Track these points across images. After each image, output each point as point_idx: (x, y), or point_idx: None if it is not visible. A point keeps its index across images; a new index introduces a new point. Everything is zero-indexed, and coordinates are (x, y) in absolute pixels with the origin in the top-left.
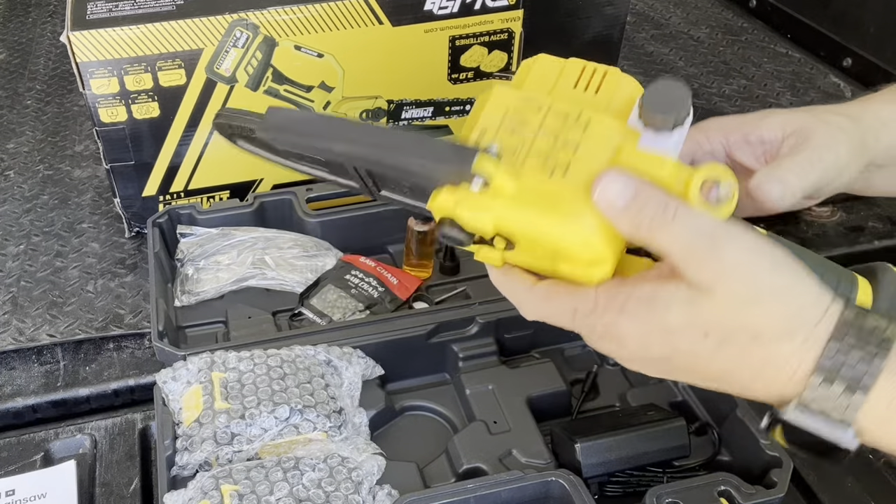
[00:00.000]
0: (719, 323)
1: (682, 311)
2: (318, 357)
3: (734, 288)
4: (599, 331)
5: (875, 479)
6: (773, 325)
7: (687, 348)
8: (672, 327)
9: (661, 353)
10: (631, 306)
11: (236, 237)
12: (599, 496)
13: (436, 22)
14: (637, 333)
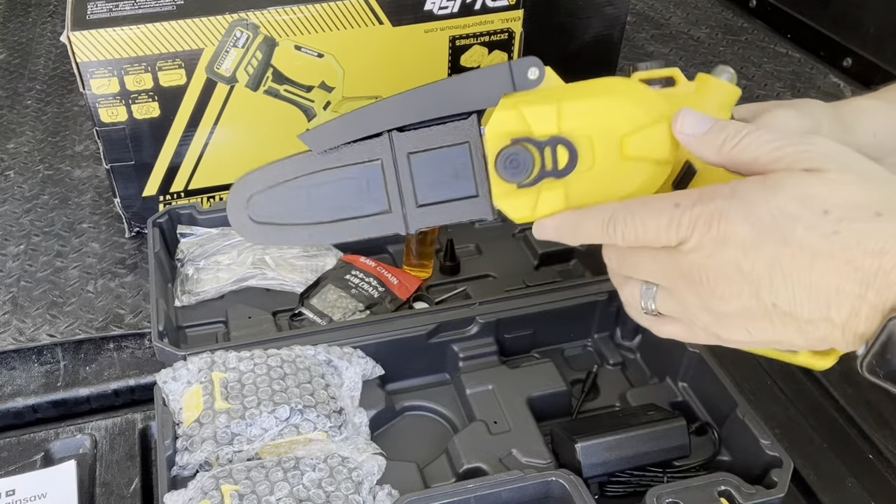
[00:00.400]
0: (837, 196)
1: (799, 185)
2: (319, 357)
3: (844, 164)
4: (706, 219)
5: (875, 479)
6: (894, 200)
7: (802, 233)
8: (786, 204)
9: (774, 242)
10: (743, 187)
11: (236, 237)
12: (599, 496)
13: (436, 22)
14: (747, 217)
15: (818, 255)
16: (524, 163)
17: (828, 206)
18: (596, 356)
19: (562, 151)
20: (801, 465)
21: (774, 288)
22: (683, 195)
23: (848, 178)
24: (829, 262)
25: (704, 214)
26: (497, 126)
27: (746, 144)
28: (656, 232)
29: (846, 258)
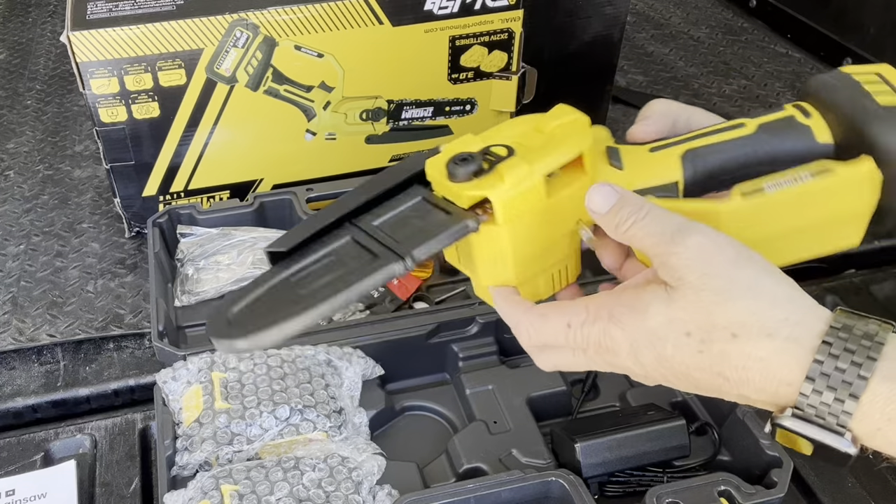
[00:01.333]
0: (696, 319)
1: (661, 309)
2: (318, 357)
3: (700, 281)
4: (594, 342)
5: (875, 479)
6: (748, 320)
7: (672, 351)
8: (655, 329)
9: (651, 359)
10: (618, 312)
11: (236, 237)
12: (599, 496)
13: (436, 22)
14: (627, 340)
15: (691, 367)
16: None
17: (689, 329)
18: None
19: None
20: (801, 465)
21: (671, 382)
22: (574, 314)
23: (703, 297)
24: (703, 373)
25: (593, 334)
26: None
27: (634, 233)
28: (557, 342)
29: (715, 371)
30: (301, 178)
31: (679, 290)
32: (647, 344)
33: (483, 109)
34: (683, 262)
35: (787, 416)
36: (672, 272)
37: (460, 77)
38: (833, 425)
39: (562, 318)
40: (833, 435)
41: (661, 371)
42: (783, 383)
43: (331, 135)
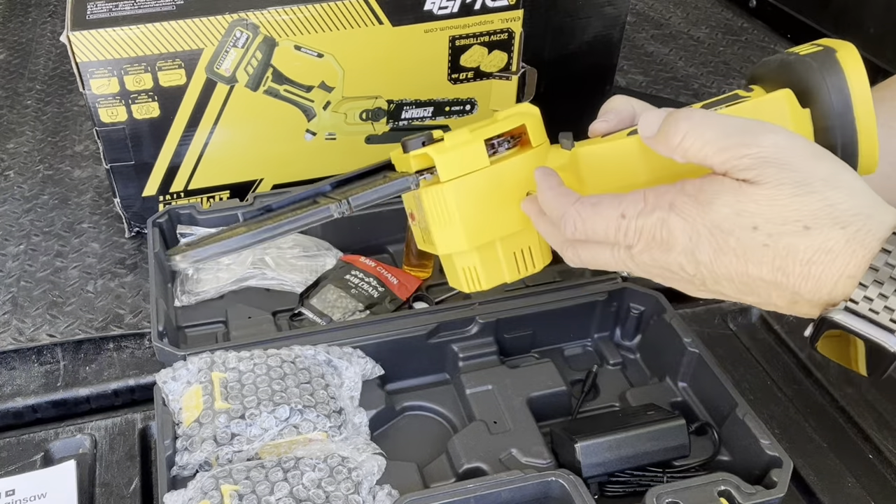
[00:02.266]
0: (767, 212)
1: (729, 201)
2: (318, 357)
3: (780, 175)
4: (647, 234)
5: (875, 479)
6: (823, 212)
7: (735, 244)
8: (720, 220)
9: (709, 253)
10: (680, 201)
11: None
12: (599, 496)
13: (436, 22)
14: (685, 231)
15: (751, 262)
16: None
17: (757, 223)
18: (596, 356)
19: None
20: (801, 465)
21: (719, 283)
22: (630, 203)
23: (781, 192)
24: (762, 268)
25: (647, 226)
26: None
27: (692, 143)
28: (605, 236)
29: (776, 265)
30: (301, 178)
31: (756, 184)
32: (709, 236)
33: (483, 109)
34: (760, 159)
35: (839, 309)
36: (747, 171)
37: (460, 77)
38: (886, 321)
39: (616, 208)
40: (883, 332)
41: (714, 268)
42: (844, 276)
43: (331, 135)
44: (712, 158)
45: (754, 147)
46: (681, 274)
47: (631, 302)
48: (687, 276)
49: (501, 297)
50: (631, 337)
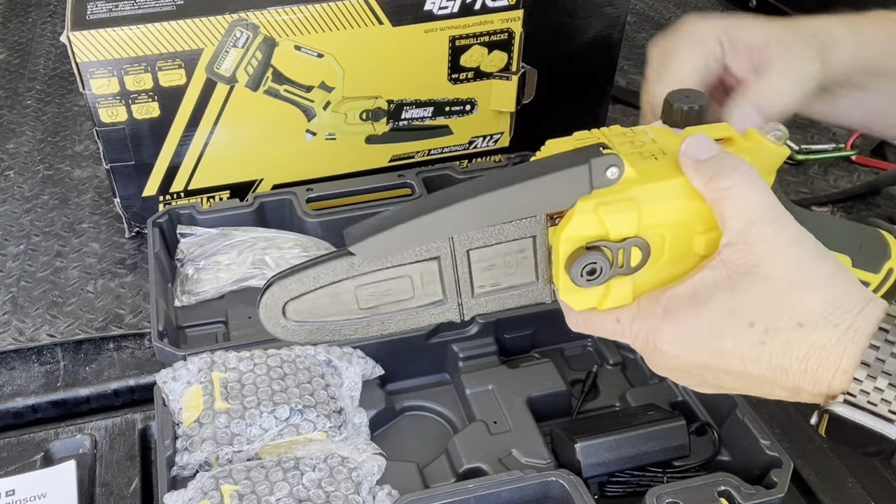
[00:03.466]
0: (765, 308)
1: (725, 299)
2: (318, 357)
3: (781, 270)
4: (640, 340)
5: (875, 479)
6: (818, 311)
7: (731, 345)
8: (715, 322)
9: (706, 355)
10: (673, 306)
11: (236, 237)
12: (599, 496)
13: (436, 22)
14: (681, 336)
15: (748, 361)
16: (601, 270)
17: (753, 319)
18: (596, 356)
19: (635, 251)
20: (801, 465)
21: (718, 379)
22: (624, 311)
23: (777, 287)
24: (761, 366)
25: (641, 332)
26: (574, 231)
27: (733, 195)
28: (602, 333)
29: (774, 363)
30: (301, 178)
31: (749, 277)
32: (703, 340)
33: (483, 109)
34: (769, 250)
35: (838, 402)
36: (750, 256)
37: (460, 77)
38: (885, 412)
39: (611, 315)
40: (883, 422)
41: (710, 372)
42: (839, 371)
43: (331, 135)
44: (734, 222)
45: (769, 233)
46: (680, 373)
47: None
48: (683, 375)
49: None
50: None
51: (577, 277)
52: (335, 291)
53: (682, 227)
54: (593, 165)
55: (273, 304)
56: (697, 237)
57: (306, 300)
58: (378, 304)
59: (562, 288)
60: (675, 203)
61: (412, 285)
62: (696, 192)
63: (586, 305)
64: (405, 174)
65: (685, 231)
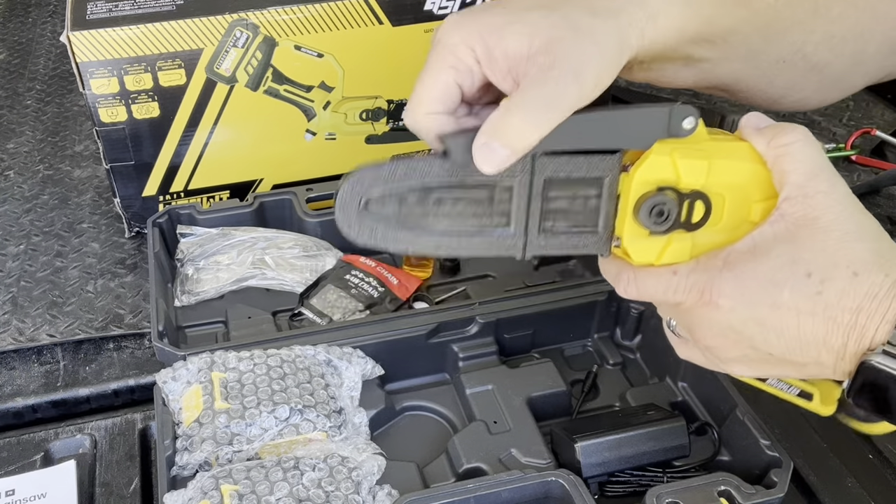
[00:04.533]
0: (819, 259)
1: (785, 249)
2: (318, 357)
3: (838, 221)
4: (700, 288)
5: (875, 479)
6: (871, 260)
7: (788, 296)
8: (774, 272)
9: (763, 307)
10: (734, 258)
11: (236, 237)
12: (599, 496)
13: (436, 22)
14: (739, 287)
15: (803, 314)
16: (669, 213)
17: (811, 269)
18: (596, 356)
19: (699, 206)
20: (801, 465)
21: (768, 342)
22: (682, 265)
23: (832, 237)
24: (815, 319)
25: (698, 283)
26: (649, 171)
27: (791, 152)
28: (654, 294)
29: (828, 315)
30: (301, 178)
31: (808, 228)
32: (762, 291)
33: None
34: (826, 202)
35: (877, 353)
36: (809, 209)
37: None
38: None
39: (668, 268)
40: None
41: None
42: (885, 321)
43: (331, 135)
44: (794, 176)
45: (826, 186)
46: (728, 336)
47: (631, 302)
48: (734, 338)
49: (501, 297)
50: (631, 337)
51: (646, 218)
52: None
53: (742, 190)
54: (673, 112)
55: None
56: (755, 205)
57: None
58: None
59: (626, 234)
60: (741, 163)
61: (486, 204)
62: (758, 157)
63: (645, 258)
64: None
65: (744, 195)
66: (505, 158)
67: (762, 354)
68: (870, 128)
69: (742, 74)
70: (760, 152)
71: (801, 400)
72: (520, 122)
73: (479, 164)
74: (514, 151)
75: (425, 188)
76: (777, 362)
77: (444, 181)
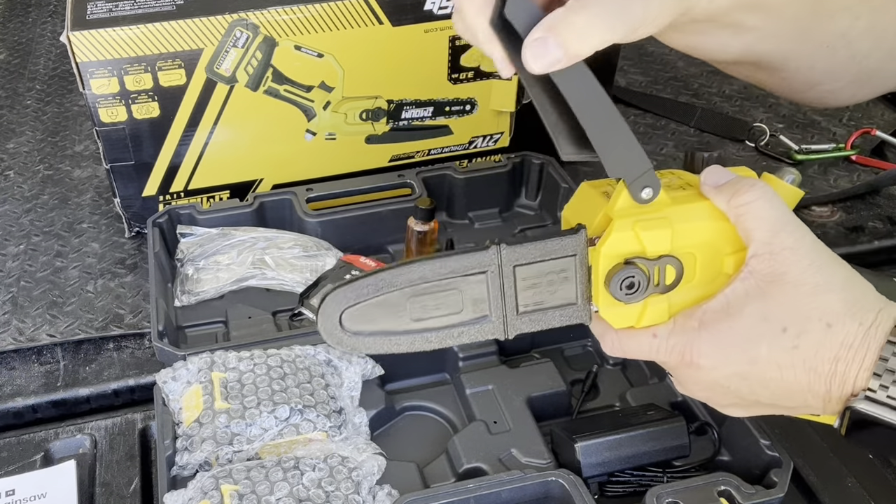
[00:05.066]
0: (791, 313)
1: (758, 307)
2: (318, 357)
3: (806, 275)
4: (679, 351)
5: (875, 479)
6: (842, 310)
7: (766, 352)
8: (749, 329)
9: (742, 363)
10: (707, 318)
11: (236, 237)
12: (599, 496)
13: (436, 22)
14: (717, 346)
15: (784, 367)
16: (639, 285)
17: (786, 324)
18: (596, 356)
19: (669, 269)
20: (801, 465)
21: (754, 392)
22: (661, 327)
23: (801, 291)
24: (795, 371)
25: (678, 346)
26: (613, 247)
27: (750, 210)
28: (638, 354)
29: (808, 367)
30: (301, 178)
31: (776, 283)
32: (739, 348)
33: (483, 109)
34: (793, 257)
35: (860, 399)
36: (777, 265)
37: (460, 77)
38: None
39: (648, 330)
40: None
41: (746, 385)
42: (863, 368)
43: (331, 135)
44: (759, 233)
45: (791, 241)
46: (715, 390)
47: None
48: (719, 393)
49: None
50: None
51: (617, 291)
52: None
53: (712, 247)
54: (646, 175)
55: (330, 314)
56: (726, 258)
57: (360, 311)
58: (428, 317)
59: (602, 304)
60: (704, 223)
61: (461, 298)
62: (721, 215)
63: (625, 323)
64: (405, 174)
65: (714, 251)
66: (555, 60)
67: (750, 402)
68: (870, 128)
69: (788, 53)
70: (722, 210)
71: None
72: (583, 23)
73: (528, 59)
74: (567, 54)
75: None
76: (768, 406)
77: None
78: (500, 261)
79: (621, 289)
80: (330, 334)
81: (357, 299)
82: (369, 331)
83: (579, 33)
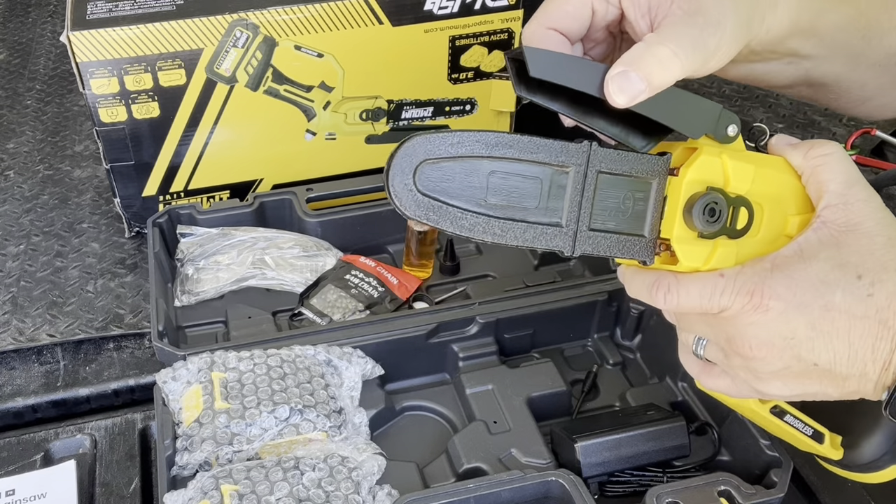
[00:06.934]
0: (870, 261)
1: (832, 254)
2: (318, 357)
3: (880, 227)
4: (749, 290)
5: None
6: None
7: (840, 298)
8: (825, 275)
9: (815, 309)
10: (781, 260)
11: (236, 237)
12: (599, 496)
13: (436, 22)
14: (792, 287)
15: (855, 317)
16: (721, 213)
17: (861, 272)
18: (596, 356)
19: (743, 213)
20: (801, 465)
21: (815, 350)
22: (729, 269)
23: (877, 242)
24: (866, 323)
25: (747, 285)
26: (700, 170)
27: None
28: (698, 299)
29: (879, 318)
30: (301, 178)
31: (851, 233)
32: (814, 292)
33: (483, 109)
34: (867, 209)
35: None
36: (851, 215)
37: (460, 77)
38: None
39: (713, 272)
40: None
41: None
42: None
43: (331, 135)
44: (833, 185)
45: (864, 194)
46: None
47: (631, 302)
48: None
49: (501, 297)
50: (631, 337)
51: (699, 216)
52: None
53: (780, 202)
54: (723, 113)
55: (406, 160)
56: (791, 218)
57: (441, 168)
58: (501, 202)
59: (675, 236)
60: (780, 175)
61: (539, 191)
62: (794, 172)
63: (692, 262)
64: None
65: (782, 208)
66: (638, 92)
67: (806, 366)
68: (870, 128)
69: (840, 75)
70: (796, 166)
71: (812, 442)
72: (665, 55)
73: (611, 92)
74: (650, 86)
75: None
76: (819, 376)
77: (503, 152)
78: (588, 160)
79: (704, 214)
80: (398, 187)
81: (441, 153)
82: (439, 196)
83: (661, 66)
